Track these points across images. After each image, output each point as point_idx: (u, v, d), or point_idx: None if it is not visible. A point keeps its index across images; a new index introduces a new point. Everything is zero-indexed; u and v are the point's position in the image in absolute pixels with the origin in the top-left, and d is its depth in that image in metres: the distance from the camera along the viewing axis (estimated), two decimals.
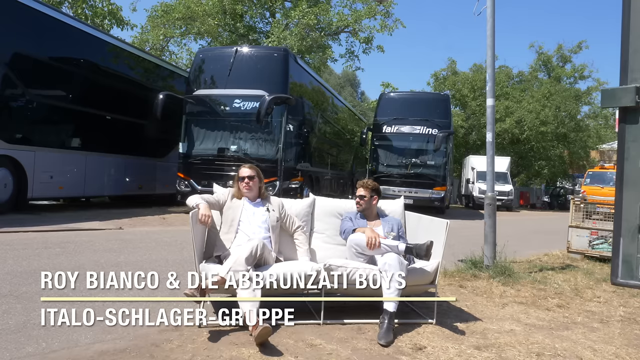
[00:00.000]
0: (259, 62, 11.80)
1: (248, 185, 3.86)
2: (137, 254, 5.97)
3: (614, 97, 2.61)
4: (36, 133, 9.69)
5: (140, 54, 13.43)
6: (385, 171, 16.04)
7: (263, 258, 3.48)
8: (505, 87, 32.77)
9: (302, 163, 12.96)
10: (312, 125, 14.30)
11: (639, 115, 2.54)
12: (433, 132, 15.64)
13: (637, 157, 2.55)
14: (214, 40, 21.84)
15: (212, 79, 12.04)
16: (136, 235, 7.62)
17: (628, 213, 2.61)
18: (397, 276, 3.40)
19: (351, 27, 22.29)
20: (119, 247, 6.31)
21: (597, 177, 20.73)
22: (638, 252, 2.58)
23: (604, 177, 20.32)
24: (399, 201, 4.57)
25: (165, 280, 4.59)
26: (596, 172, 21.46)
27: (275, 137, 11.43)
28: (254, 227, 3.75)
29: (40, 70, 9.66)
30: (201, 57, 12.35)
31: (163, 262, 5.49)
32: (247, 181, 3.86)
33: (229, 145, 11.52)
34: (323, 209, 4.30)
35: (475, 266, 5.75)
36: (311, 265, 3.53)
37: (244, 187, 3.85)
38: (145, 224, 9.39)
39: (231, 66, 11.74)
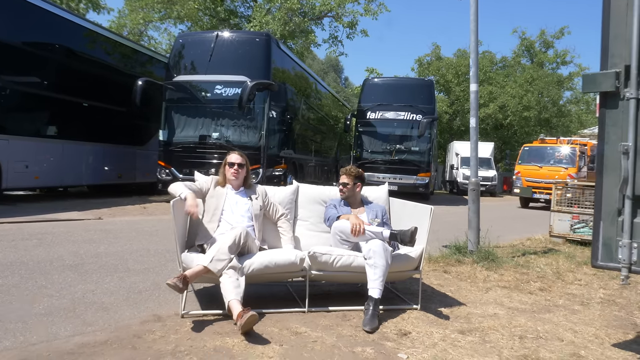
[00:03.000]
0: (241, 47, 11.67)
1: (236, 172, 3.84)
2: (118, 244, 5.91)
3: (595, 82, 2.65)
4: (9, 121, 9.47)
5: (118, 39, 13.16)
6: (370, 157, 16.09)
7: (246, 246, 3.47)
8: (488, 73, 32.99)
9: (286, 150, 12.92)
10: (295, 111, 14.23)
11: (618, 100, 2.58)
12: (417, 118, 15.71)
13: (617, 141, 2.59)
14: (194, 25, 21.48)
15: (193, 65, 11.87)
16: (116, 226, 7.54)
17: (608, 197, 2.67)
18: (381, 262, 3.43)
19: (334, 12, 22.12)
20: (98, 238, 6.24)
21: (535, 153, 17.01)
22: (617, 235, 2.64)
23: (543, 154, 16.85)
24: (383, 187, 4.59)
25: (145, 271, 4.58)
26: (533, 148, 17.48)
27: (257, 124, 11.36)
28: (237, 216, 3.73)
29: (13, 55, 9.40)
30: (181, 42, 12.17)
31: (144, 252, 5.45)
32: (237, 168, 3.84)
33: (210, 133, 11.42)
34: (307, 197, 4.31)
35: (459, 251, 5.84)
36: (295, 253, 3.54)
37: (232, 174, 3.82)
38: (126, 213, 9.29)
39: (212, 51, 11.60)
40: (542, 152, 17.01)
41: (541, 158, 16.77)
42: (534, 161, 16.75)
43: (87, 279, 4.18)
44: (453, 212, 13.04)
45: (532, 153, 17.19)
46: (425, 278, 4.71)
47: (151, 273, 4.50)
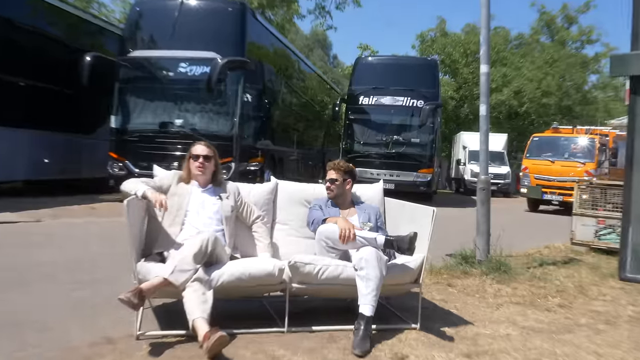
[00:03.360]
0: (210, 18, 11.59)
1: (202, 166, 3.82)
2: (62, 251, 5.84)
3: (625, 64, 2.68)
4: None
5: (62, 6, 12.97)
6: (362, 150, 16.13)
7: (215, 255, 3.46)
8: (502, 52, 33.28)
9: (263, 140, 12.88)
10: (274, 95, 14.18)
11: None
12: (418, 104, 15.78)
13: None
14: None
15: (152, 38, 11.76)
16: (59, 229, 7.45)
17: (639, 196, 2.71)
18: (374, 274, 3.44)
19: None
20: (38, 244, 6.16)
21: (546, 145, 16.69)
22: None
23: (556, 146, 16.57)
24: (377, 186, 4.60)
25: (95, 282, 4.53)
26: (544, 139, 17.24)
27: (229, 109, 11.30)
28: (204, 218, 3.72)
29: None
30: (138, 11, 12.04)
31: (93, 262, 5.40)
32: (202, 161, 3.82)
33: (172, 119, 11.32)
34: (287, 196, 4.30)
35: (466, 261, 5.88)
36: (273, 262, 3.54)
37: (197, 168, 3.81)
38: (71, 214, 9.18)
39: (175, 22, 11.48)
40: (555, 144, 16.68)
41: (554, 151, 16.39)
42: (544, 154, 16.37)
43: (26, 293, 4.13)
44: (459, 215, 13.13)
45: (542, 145, 16.83)
46: (426, 292, 4.74)
47: (101, 286, 4.46)
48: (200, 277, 3.23)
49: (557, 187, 15.72)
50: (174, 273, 3.19)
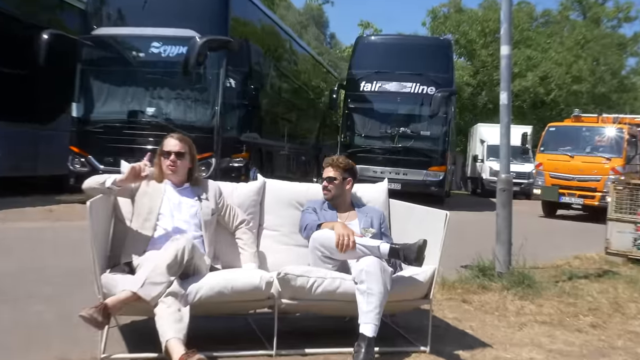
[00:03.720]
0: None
1: (174, 165, 3.80)
2: (13, 260, 5.82)
3: None
4: None
5: None
6: (363, 144, 16.12)
7: (192, 265, 3.45)
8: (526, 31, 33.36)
9: (248, 133, 12.88)
10: (262, 80, 14.16)
11: None
12: (429, 91, 15.77)
13: None
14: None
15: (120, 13, 11.73)
16: (10, 235, 7.43)
17: None
18: (377, 288, 3.44)
19: None
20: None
21: (564, 137, 16.12)
22: None
23: (576, 138, 15.93)
24: (381, 186, 4.59)
25: (53, 297, 4.51)
26: (562, 129, 16.68)
27: (209, 97, 11.28)
28: (180, 223, 3.71)
29: None
30: None
31: (50, 272, 5.38)
32: (174, 159, 3.80)
33: (143, 107, 11.30)
34: (277, 197, 4.29)
35: (483, 274, 5.89)
36: (260, 274, 3.53)
37: (168, 167, 3.79)
38: (24, 218, 9.15)
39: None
40: (575, 135, 16.01)
41: (573, 143, 15.82)
42: (562, 148, 15.79)
43: None
44: (476, 220, 13.16)
45: (560, 136, 16.27)
46: (437, 310, 4.74)
47: (60, 301, 4.45)
48: (174, 292, 3.22)
49: (576, 187, 15.25)
50: (144, 286, 3.17)
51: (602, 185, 14.57)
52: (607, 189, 13.93)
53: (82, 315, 3.07)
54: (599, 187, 14.75)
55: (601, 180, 14.72)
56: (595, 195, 14.86)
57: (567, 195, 15.41)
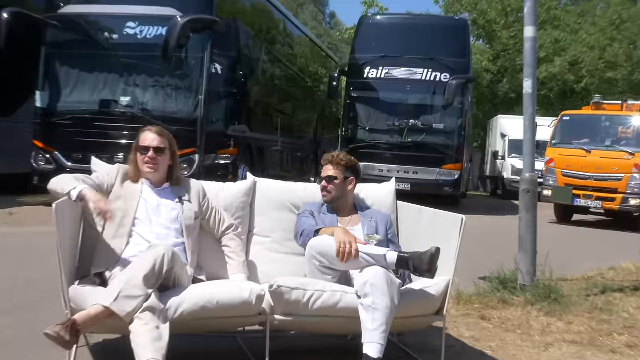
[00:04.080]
0: None
1: (153, 163, 3.79)
2: None
3: None
4: None
5: None
6: (368, 139, 16.13)
7: (173, 276, 3.45)
8: (554, 10, 33.32)
9: (236, 126, 12.89)
10: (252, 65, 14.16)
11: None
12: (442, 78, 15.79)
13: None
14: None
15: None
16: None
17: None
18: (383, 303, 3.44)
19: None
20: None
21: (580, 128, 15.76)
22: None
23: (595, 129, 15.50)
24: (388, 186, 4.60)
25: (13, 312, 4.50)
26: (578, 118, 16.30)
27: (192, 84, 11.31)
28: (159, 228, 3.71)
29: None
30: None
31: (10, 285, 5.37)
32: (153, 155, 3.80)
33: (117, 97, 11.31)
34: (269, 199, 4.30)
35: (504, 287, 5.89)
36: (249, 287, 3.52)
37: (147, 165, 3.79)
38: None
39: None
40: (594, 125, 15.55)
41: (591, 135, 15.25)
42: (577, 141, 15.20)
43: None
44: (496, 226, 13.17)
45: (575, 127, 15.76)
46: (452, 327, 4.75)
47: (21, 317, 4.44)
48: (152, 306, 3.21)
49: (594, 188, 14.50)
50: (118, 300, 3.16)
51: (625, 185, 13.99)
52: (630, 189, 13.80)
53: (47, 333, 3.06)
54: (621, 188, 14.08)
55: (623, 179, 14.08)
56: (615, 198, 14.17)
57: (582, 198, 14.62)
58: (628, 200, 13.70)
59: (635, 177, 13.00)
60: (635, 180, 13.30)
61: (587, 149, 14.72)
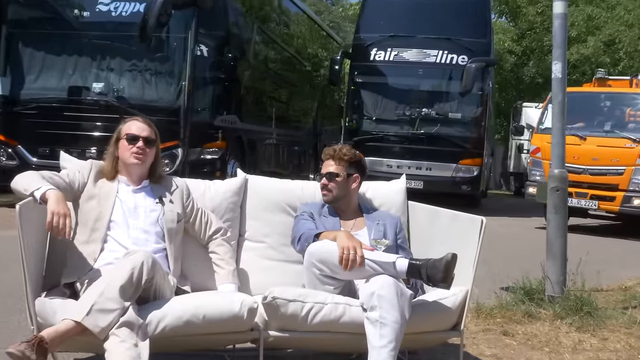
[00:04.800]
0: None
1: (142, 153, 3.79)
2: None
3: None
4: None
5: None
6: (375, 131, 16.13)
7: (153, 287, 3.44)
8: None
9: (225, 115, 12.89)
10: (242, 46, 14.14)
11: None
12: (460, 60, 15.77)
13: None
14: None
15: None
16: None
17: None
18: (392, 317, 3.44)
19: None
20: None
21: (575, 109, 12.28)
22: None
23: (594, 111, 14.26)
24: (398, 184, 4.61)
25: None
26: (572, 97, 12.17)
27: (175, 68, 11.33)
28: (137, 232, 3.71)
29: None
30: None
31: None
32: (142, 145, 3.79)
33: (89, 83, 11.32)
34: (262, 199, 4.30)
35: (530, 298, 5.88)
36: (240, 299, 3.52)
37: (134, 155, 3.77)
38: None
39: None
40: (591, 106, 14.19)
41: (588, 118, 13.98)
42: (571, 125, 12.70)
43: None
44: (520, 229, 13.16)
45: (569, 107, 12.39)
46: (470, 344, 4.75)
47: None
48: (130, 321, 3.20)
49: (589, 184, 13.25)
50: (91, 314, 3.16)
51: (627, 180, 12.81)
52: (634, 186, 12.64)
53: (11, 352, 3.05)
54: (622, 184, 12.89)
55: (625, 173, 12.84)
56: (615, 196, 12.94)
57: (574, 197, 12.83)
58: (631, 199, 12.68)
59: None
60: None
61: (581, 135, 13.33)
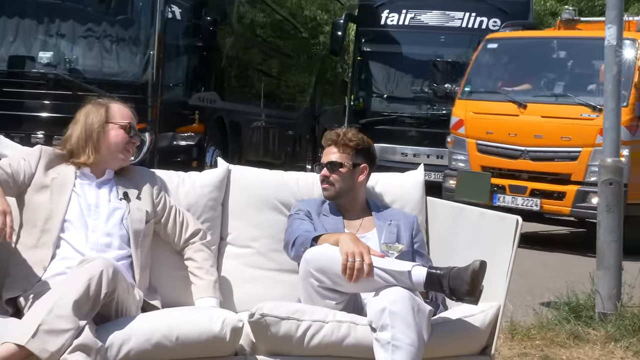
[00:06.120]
0: None
1: (132, 144, 3.89)
2: None
3: None
4: None
5: None
6: (386, 111, 16.15)
7: (115, 302, 3.44)
8: None
9: (203, 92, 12.94)
10: (224, 8, 14.15)
11: None
12: (491, 24, 15.74)
13: None
14: None
15: None
16: None
17: None
18: (408, 338, 3.44)
19: None
20: None
21: (513, 63, 12.96)
22: None
23: (542, 67, 12.46)
24: (414, 176, 4.61)
25: None
26: (510, 45, 12.88)
27: (141, 34, 11.38)
28: (97, 235, 3.70)
29: None
30: None
31: None
32: (135, 137, 3.89)
33: (34, 52, 11.37)
34: (249, 194, 4.31)
35: (577, 316, 5.91)
36: (222, 316, 3.51)
37: (127, 147, 3.86)
38: None
39: None
40: (538, 60, 12.70)
41: (532, 77, 12.38)
42: (507, 88, 12.26)
43: None
44: (564, 231, 13.18)
45: (505, 62, 13.04)
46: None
47: None
48: (86, 344, 3.19)
49: (529, 173, 11.45)
50: (37, 336, 3.14)
51: (583, 167, 10.91)
52: (593, 176, 10.19)
53: None
54: (576, 173, 11.05)
55: (580, 156, 10.92)
56: (565, 192, 11.01)
57: (507, 192, 11.38)
58: (587, 196, 10.61)
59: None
60: None
61: (521, 101, 11.64)
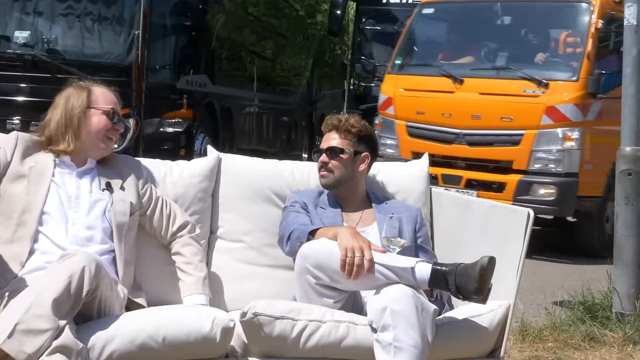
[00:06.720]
0: None
1: (116, 131, 3.91)
2: None
3: None
4: None
5: None
6: None
7: (97, 300, 3.44)
8: None
9: (192, 76, 12.94)
10: None
11: None
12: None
13: None
14: None
15: None
16: None
17: None
18: (410, 339, 3.47)
19: None
20: None
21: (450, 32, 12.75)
22: None
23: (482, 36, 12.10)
24: (418, 166, 4.64)
25: None
26: (447, 10, 12.56)
27: (125, 12, 11.37)
28: (78, 228, 3.72)
29: None
30: None
31: None
32: (117, 124, 3.90)
33: (11, 31, 11.40)
34: (241, 185, 4.34)
35: (592, 316, 5.93)
36: (212, 315, 3.53)
37: (110, 134, 3.88)
38: None
39: None
40: (478, 27, 12.28)
41: (472, 48, 12.04)
42: (444, 61, 11.96)
43: None
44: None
45: (441, 31, 12.87)
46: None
47: None
48: (66, 345, 3.19)
49: (465, 160, 11.13)
50: (14, 337, 3.14)
51: (526, 152, 10.52)
52: (537, 162, 10.39)
53: None
54: (518, 160, 10.62)
55: (523, 140, 10.56)
56: (506, 182, 10.58)
57: (441, 182, 10.95)
58: (531, 187, 10.30)
59: (551, 135, 9.87)
60: (550, 140, 10.30)
61: (456, 75, 11.22)
